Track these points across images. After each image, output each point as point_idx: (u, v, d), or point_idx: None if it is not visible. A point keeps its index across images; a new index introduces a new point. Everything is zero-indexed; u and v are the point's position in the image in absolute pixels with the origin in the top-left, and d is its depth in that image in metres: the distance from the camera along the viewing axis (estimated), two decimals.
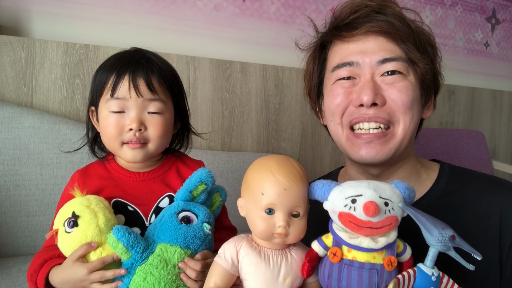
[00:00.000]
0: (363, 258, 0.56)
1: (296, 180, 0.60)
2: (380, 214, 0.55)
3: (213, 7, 1.70)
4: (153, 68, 0.76)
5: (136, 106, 0.73)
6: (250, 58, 1.75)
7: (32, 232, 1.24)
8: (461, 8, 2.39)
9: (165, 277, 0.65)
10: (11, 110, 1.24)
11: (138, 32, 1.56)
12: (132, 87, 0.72)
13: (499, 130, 2.52)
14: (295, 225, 0.60)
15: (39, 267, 0.71)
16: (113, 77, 0.73)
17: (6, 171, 1.21)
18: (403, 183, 0.61)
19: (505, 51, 2.60)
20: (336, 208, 0.57)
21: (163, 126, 0.76)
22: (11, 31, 1.37)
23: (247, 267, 0.60)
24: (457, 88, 2.32)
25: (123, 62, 0.75)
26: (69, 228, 0.67)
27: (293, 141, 1.82)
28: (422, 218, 0.56)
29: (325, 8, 1.93)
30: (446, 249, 0.55)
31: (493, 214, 0.76)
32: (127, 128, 0.73)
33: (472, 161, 1.95)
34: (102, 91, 0.75)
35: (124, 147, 0.75)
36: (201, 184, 0.73)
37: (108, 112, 0.74)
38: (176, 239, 0.68)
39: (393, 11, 0.79)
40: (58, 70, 1.38)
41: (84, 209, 0.68)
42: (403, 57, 0.77)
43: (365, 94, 0.75)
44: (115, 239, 0.64)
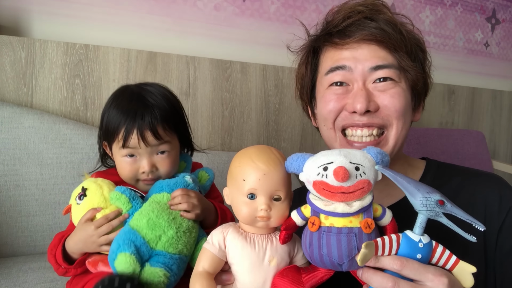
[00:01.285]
0: (340, 223, 0.56)
1: (275, 165, 0.63)
2: (351, 179, 0.56)
3: (213, 7, 1.70)
4: (157, 118, 0.83)
5: (146, 153, 0.83)
6: (250, 58, 1.75)
7: (32, 232, 1.24)
8: (461, 8, 2.39)
9: (158, 208, 0.75)
10: (11, 110, 1.24)
11: (138, 32, 1.56)
12: (140, 140, 0.81)
13: (499, 130, 2.52)
14: (276, 208, 0.62)
15: (58, 242, 0.80)
16: (122, 132, 0.82)
17: (6, 171, 1.21)
18: (375, 148, 0.61)
19: (505, 51, 2.60)
20: (310, 178, 0.59)
21: (171, 162, 0.86)
22: (11, 31, 1.38)
23: (234, 251, 0.63)
24: (457, 88, 2.32)
25: (130, 118, 0.82)
26: (79, 201, 0.78)
27: (293, 141, 1.82)
28: (402, 181, 0.56)
29: (325, 8, 1.93)
30: (434, 215, 0.54)
31: (477, 203, 0.77)
32: (141, 171, 0.83)
33: (472, 161, 1.95)
34: (114, 138, 0.83)
35: (139, 183, 0.86)
36: (181, 162, 0.89)
37: (121, 157, 0.84)
38: (161, 188, 0.81)
39: (385, 17, 0.80)
40: (58, 70, 1.38)
41: (91, 183, 0.80)
42: (395, 64, 0.78)
43: (359, 102, 0.76)
44: (118, 192, 0.77)
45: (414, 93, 0.82)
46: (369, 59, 0.78)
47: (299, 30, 0.92)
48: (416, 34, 0.84)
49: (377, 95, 0.78)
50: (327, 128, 0.83)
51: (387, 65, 0.78)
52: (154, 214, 0.74)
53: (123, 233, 0.71)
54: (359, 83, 0.78)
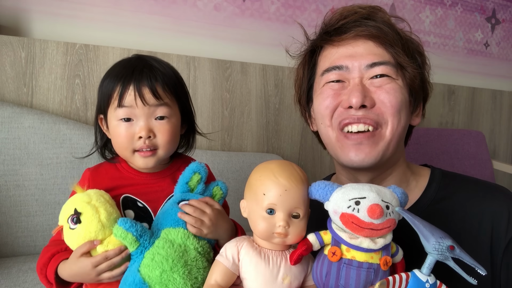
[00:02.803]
0: (362, 257, 0.57)
1: (296, 182, 0.62)
2: (382, 217, 0.57)
3: (213, 7, 1.70)
4: (156, 75, 0.78)
5: (143, 114, 0.76)
6: (250, 58, 1.75)
7: (32, 232, 1.24)
8: (461, 8, 2.39)
9: (172, 254, 0.67)
10: (11, 110, 1.24)
11: (138, 32, 1.56)
12: (137, 96, 0.75)
13: (499, 130, 2.52)
14: (294, 226, 0.61)
15: (47, 261, 0.74)
16: (118, 87, 0.76)
17: (6, 171, 1.21)
18: (399, 189, 0.63)
19: (505, 51, 2.60)
20: (339, 209, 0.59)
21: (170, 132, 0.79)
22: (11, 31, 1.38)
23: (247, 266, 0.61)
24: (457, 88, 2.32)
25: (127, 72, 0.77)
26: (73, 225, 0.70)
27: (293, 141, 1.82)
28: (419, 225, 0.57)
29: (325, 8, 1.93)
30: (443, 259, 0.56)
31: (484, 220, 0.76)
32: (137, 136, 0.76)
33: (472, 161, 1.95)
34: (109, 100, 0.78)
35: (135, 154, 0.78)
36: (195, 174, 0.77)
37: (117, 121, 0.77)
38: (178, 222, 0.71)
39: (382, 18, 0.80)
40: (58, 70, 1.38)
41: (85, 206, 0.70)
42: (391, 61, 0.78)
43: (354, 96, 0.75)
44: (123, 230, 0.67)
45: (412, 93, 0.81)
46: (365, 56, 0.78)
47: (299, 31, 0.92)
48: (414, 39, 0.84)
49: (373, 91, 0.77)
50: (325, 125, 0.83)
51: (384, 62, 0.77)
52: (168, 265, 0.66)
53: (133, 284, 0.66)
54: (356, 79, 0.78)
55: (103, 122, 0.83)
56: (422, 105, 0.88)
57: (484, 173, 1.97)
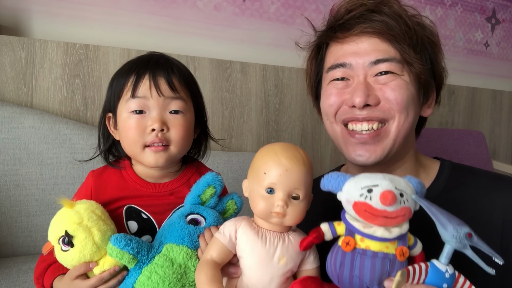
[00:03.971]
0: (377, 247, 0.56)
1: (298, 162, 0.62)
2: (396, 204, 0.55)
3: (213, 7, 1.70)
4: (173, 67, 0.75)
5: (157, 106, 0.71)
6: (250, 58, 1.75)
7: (32, 232, 1.24)
8: (461, 8, 2.38)
9: (170, 276, 0.64)
10: (11, 110, 1.24)
11: (138, 32, 1.56)
12: (153, 86, 0.71)
13: (499, 130, 2.52)
14: (293, 207, 0.61)
15: (43, 271, 0.71)
16: (132, 77, 0.72)
17: (6, 171, 1.21)
18: (415, 178, 0.62)
19: (505, 51, 2.60)
20: (351, 198, 0.58)
21: (185, 127, 0.74)
22: (11, 31, 1.37)
23: (244, 244, 0.62)
24: (457, 88, 2.32)
25: (142, 63, 0.74)
26: (65, 247, 0.65)
27: (293, 141, 1.82)
28: (436, 212, 0.56)
29: (325, 8, 1.93)
30: (461, 247, 0.54)
31: (495, 210, 0.75)
32: (149, 129, 0.71)
33: (472, 161, 1.95)
34: (121, 93, 0.73)
35: (146, 150, 0.72)
36: (209, 187, 0.73)
37: (128, 113, 0.72)
38: (183, 239, 0.67)
39: (390, 9, 0.78)
40: (58, 70, 1.38)
41: (76, 228, 0.64)
42: (397, 57, 0.76)
43: (357, 96, 0.75)
44: (119, 250, 0.62)
45: (421, 86, 0.80)
46: (369, 53, 0.77)
47: (301, 28, 0.92)
48: (427, 26, 0.81)
49: (378, 88, 0.76)
50: (330, 122, 0.83)
51: (388, 59, 0.76)
52: (164, 287, 0.63)
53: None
54: (360, 77, 0.77)
55: (111, 121, 0.78)
56: (437, 93, 0.86)
57: None
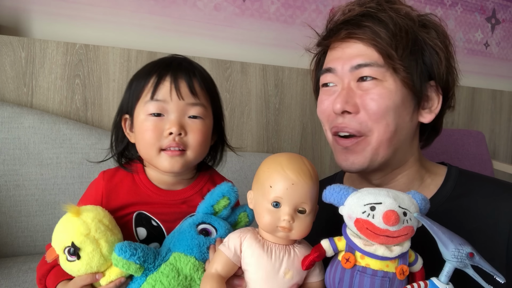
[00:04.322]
0: (377, 265, 0.55)
1: (305, 176, 0.60)
2: (399, 224, 0.54)
3: (213, 7, 1.70)
4: (195, 71, 0.73)
5: (176, 109, 0.70)
6: (250, 58, 1.75)
7: (32, 232, 1.24)
8: (461, 8, 2.39)
9: (174, 287, 0.63)
10: (11, 110, 1.24)
11: (138, 32, 1.56)
12: (173, 89, 0.69)
13: (499, 130, 2.52)
14: (299, 221, 0.60)
15: (46, 272, 0.70)
16: (153, 79, 0.70)
17: (6, 171, 1.21)
18: (420, 194, 0.61)
19: (505, 51, 2.60)
20: (353, 214, 0.57)
21: (203, 132, 0.73)
22: (11, 31, 1.37)
23: (249, 257, 0.61)
24: (457, 88, 2.30)
25: (164, 65, 0.73)
26: (70, 257, 0.64)
27: (293, 141, 1.82)
28: (438, 231, 0.55)
29: (325, 8, 1.93)
30: (462, 266, 0.54)
31: (501, 220, 0.74)
32: (167, 132, 0.69)
33: (472, 161, 1.95)
34: (140, 94, 0.72)
35: (162, 154, 0.71)
36: (223, 198, 0.72)
37: (146, 115, 0.71)
38: (192, 250, 0.66)
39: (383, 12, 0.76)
40: (58, 70, 1.38)
41: (84, 240, 0.63)
42: (379, 62, 0.74)
43: (336, 102, 0.76)
44: (125, 261, 0.61)
45: (410, 92, 0.77)
46: (353, 57, 0.77)
47: (301, 29, 0.93)
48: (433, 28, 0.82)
49: (360, 95, 0.76)
50: (325, 129, 0.86)
51: (370, 63, 0.75)
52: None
53: None
54: (344, 82, 0.78)
55: (128, 123, 0.76)
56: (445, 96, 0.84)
57: (484, 173, 1.96)
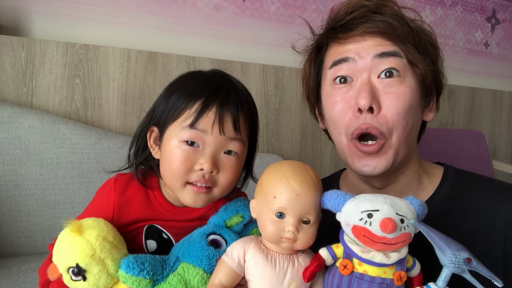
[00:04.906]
0: (374, 272, 0.55)
1: (309, 186, 0.59)
2: (396, 231, 0.54)
3: (213, 7, 1.70)
4: (242, 103, 0.67)
5: (214, 144, 0.64)
6: (250, 58, 1.75)
7: (32, 232, 1.24)
8: (461, 8, 2.39)
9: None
10: (11, 110, 1.24)
11: (138, 32, 1.56)
12: (217, 122, 0.63)
13: (499, 130, 2.52)
14: (304, 232, 0.59)
15: (48, 281, 0.68)
16: (198, 104, 0.64)
17: (6, 171, 1.21)
18: (418, 200, 0.60)
19: (505, 51, 2.60)
20: (351, 221, 0.57)
21: (235, 171, 0.68)
22: (11, 31, 1.38)
23: (253, 268, 0.60)
24: (457, 88, 2.32)
25: (212, 89, 0.66)
26: (75, 277, 0.61)
27: (293, 141, 1.82)
28: (435, 237, 0.55)
29: (325, 8, 1.93)
30: (460, 271, 0.54)
31: (498, 221, 0.73)
32: (198, 167, 0.64)
33: (472, 161, 1.95)
34: (178, 116, 0.65)
35: (187, 187, 0.66)
36: (237, 215, 0.70)
37: (179, 142, 0.65)
38: (201, 261, 0.64)
39: (391, 11, 0.76)
40: (58, 70, 1.38)
41: (89, 262, 0.60)
42: (401, 54, 0.74)
43: (362, 97, 0.72)
44: (134, 277, 0.59)
45: (424, 89, 0.77)
46: (374, 47, 0.74)
47: (301, 29, 0.91)
48: (426, 30, 0.79)
49: (382, 93, 0.73)
50: (337, 132, 0.79)
51: (393, 53, 0.73)
52: None
53: None
54: (363, 76, 0.74)
55: (154, 136, 0.70)
56: (436, 98, 0.84)
57: (484, 173, 1.96)
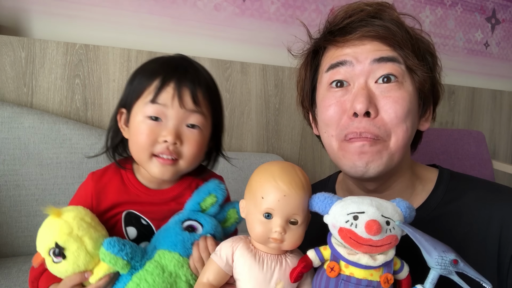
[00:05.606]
0: (361, 274, 0.56)
1: (297, 187, 0.60)
2: (381, 233, 0.55)
3: (213, 7, 1.70)
4: (200, 79, 0.72)
5: (175, 117, 0.69)
6: (250, 58, 1.75)
7: (32, 232, 1.24)
8: (461, 8, 2.39)
9: (160, 285, 0.63)
10: (11, 110, 1.24)
11: (138, 32, 1.56)
12: (176, 96, 0.68)
13: (499, 130, 2.52)
14: (291, 232, 0.60)
15: (38, 275, 0.70)
16: (157, 81, 0.69)
17: (6, 171, 1.21)
18: (405, 202, 0.61)
19: (505, 51, 2.60)
20: (337, 223, 0.57)
21: (199, 143, 0.72)
22: (11, 31, 1.38)
23: (241, 267, 0.60)
24: (457, 88, 2.32)
25: (170, 68, 0.71)
26: (56, 258, 0.63)
27: (293, 141, 1.82)
28: (421, 239, 0.56)
29: (325, 8, 1.93)
30: (447, 273, 0.54)
31: (492, 224, 0.73)
32: (162, 139, 0.68)
33: (472, 161, 1.95)
34: (141, 94, 0.70)
35: (153, 160, 0.70)
36: (210, 196, 0.71)
37: (143, 117, 0.69)
38: (176, 246, 0.66)
39: (390, 16, 0.76)
40: (58, 70, 1.38)
41: (67, 239, 0.62)
42: (400, 60, 0.73)
43: (359, 102, 0.70)
44: (112, 256, 0.61)
45: (421, 98, 0.76)
46: (372, 52, 0.73)
47: (300, 30, 0.90)
48: (424, 38, 0.79)
49: (379, 98, 0.72)
50: (328, 135, 0.78)
51: (392, 58, 0.72)
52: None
53: None
54: (361, 80, 0.73)
55: (123, 117, 0.75)
56: (432, 108, 0.83)
57: (484, 173, 1.97)
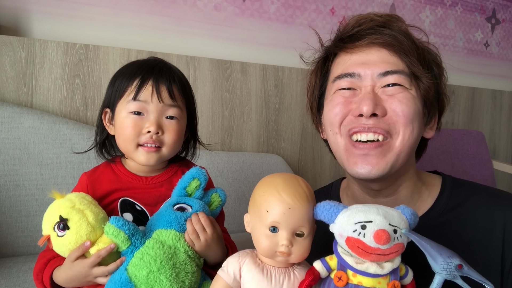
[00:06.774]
0: (369, 283, 0.56)
1: (301, 199, 0.60)
2: (390, 242, 0.55)
3: (213, 7, 1.70)
4: (174, 77, 0.82)
5: (156, 110, 0.78)
6: (250, 58, 1.75)
7: (32, 232, 1.24)
8: (461, 8, 2.39)
9: (161, 255, 0.68)
10: (11, 110, 1.24)
11: (138, 32, 1.56)
12: (155, 92, 0.78)
13: (499, 130, 2.52)
14: (298, 245, 0.60)
15: (43, 267, 0.74)
16: (137, 81, 0.78)
17: (6, 171, 1.21)
18: (409, 209, 0.61)
19: (505, 51, 2.60)
20: (344, 233, 0.57)
21: (178, 132, 0.81)
22: (11, 31, 1.38)
23: (249, 283, 0.60)
24: (457, 88, 2.32)
25: (147, 69, 0.81)
26: (61, 232, 0.69)
27: (293, 141, 1.82)
28: (426, 245, 0.56)
29: (325, 8, 1.93)
30: (452, 278, 0.55)
31: (495, 229, 0.75)
32: (145, 130, 0.78)
33: (472, 161, 1.95)
34: (123, 93, 0.80)
35: (139, 149, 0.79)
36: (194, 180, 0.78)
37: (127, 113, 0.78)
38: (170, 223, 0.72)
39: (399, 27, 0.79)
40: (58, 70, 1.38)
41: (70, 211, 0.69)
42: (405, 71, 0.76)
43: (365, 104, 0.73)
44: (115, 228, 0.67)
45: (427, 104, 0.79)
46: (378, 64, 0.76)
47: (301, 29, 0.91)
48: (431, 50, 0.82)
49: (385, 100, 0.75)
50: (333, 133, 0.81)
51: (397, 71, 0.75)
52: (156, 266, 0.66)
53: (119, 283, 0.66)
54: (368, 88, 0.76)
55: (108, 116, 0.84)
56: (438, 118, 0.85)
57: (484, 173, 1.97)
